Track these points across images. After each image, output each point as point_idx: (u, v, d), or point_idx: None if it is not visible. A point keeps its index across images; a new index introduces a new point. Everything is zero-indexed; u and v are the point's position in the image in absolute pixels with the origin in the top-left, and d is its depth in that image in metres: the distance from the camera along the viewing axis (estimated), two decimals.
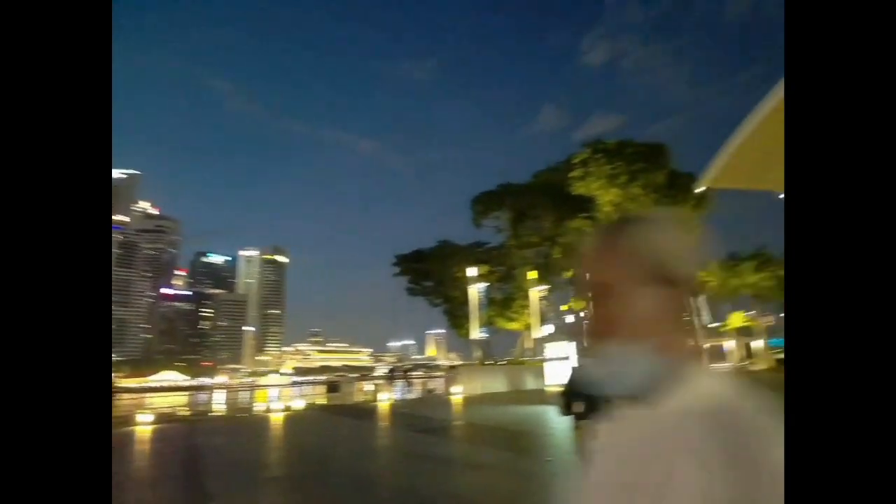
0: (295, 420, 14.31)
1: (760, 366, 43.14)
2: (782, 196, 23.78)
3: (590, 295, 0.70)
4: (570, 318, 25.71)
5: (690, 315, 0.70)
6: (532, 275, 27.04)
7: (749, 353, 48.99)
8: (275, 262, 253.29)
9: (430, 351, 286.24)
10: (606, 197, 31.78)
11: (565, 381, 4.97)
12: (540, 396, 16.40)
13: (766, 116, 22.56)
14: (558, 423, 11.07)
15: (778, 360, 42.19)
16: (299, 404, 21.34)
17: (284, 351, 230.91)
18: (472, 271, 25.38)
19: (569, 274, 33.10)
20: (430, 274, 34.72)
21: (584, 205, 32.33)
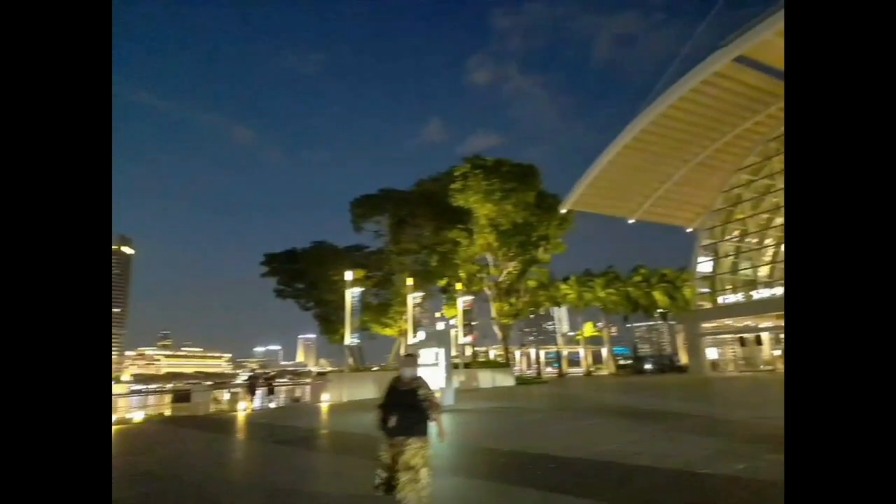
0: (127, 434, 12.44)
1: (605, 371, 48.77)
2: (630, 221, 27.81)
3: None
4: (440, 325, 26.33)
5: None
6: (409, 281, 27.22)
7: (597, 360, 55.07)
8: (118, 252, 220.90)
9: (300, 357, 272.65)
10: (482, 210, 33.41)
11: (384, 391, 4.37)
12: None
13: (617, 153, 26.12)
14: None
15: (618, 366, 48.06)
16: (138, 416, 18.69)
17: (126, 355, 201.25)
18: (348, 275, 24.69)
19: (443, 282, 33.99)
20: (303, 275, 33.04)
21: (462, 216, 33.58)
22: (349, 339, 24.30)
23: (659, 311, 43.39)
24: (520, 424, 11.71)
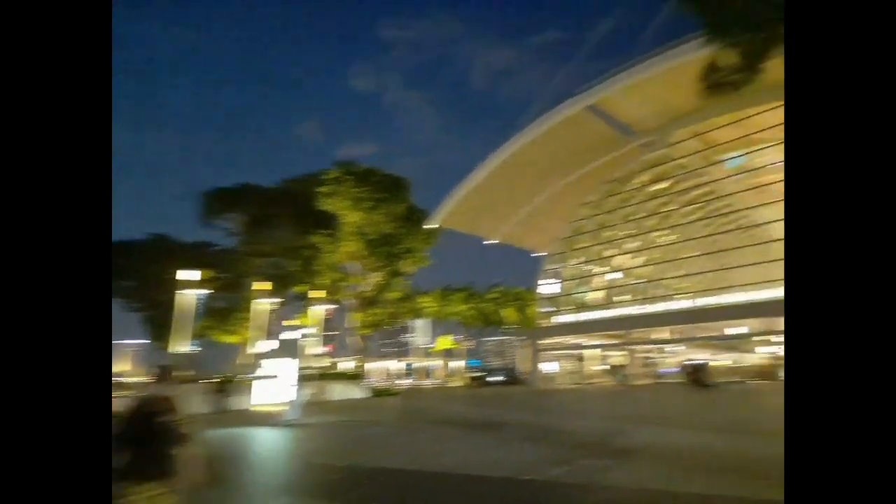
0: None
1: (457, 383, 50.74)
2: (487, 242, 29.32)
3: None
4: (289, 335, 24.78)
5: None
6: (263, 286, 25.23)
7: (450, 372, 57.14)
8: None
9: (122, 366, 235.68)
10: (351, 218, 32.71)
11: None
12: (242, 417, 15.13)
13: (484, 178, 27.88)
14: (242, 448, 10.28)
15: (472, 378, 50.37)
16: None
17: None
18: (191, 275, 21.91)
19: (302, 289, 32.35)
20: (134, 272, 28.70)
21: (328, 222, 32.48)
22: (184, 345, 21.60)
23: (508, 326, 46.83)
24: (363, 438, 11.44)
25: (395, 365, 60.41)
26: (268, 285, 25.19)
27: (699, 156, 34.74)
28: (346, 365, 40.96)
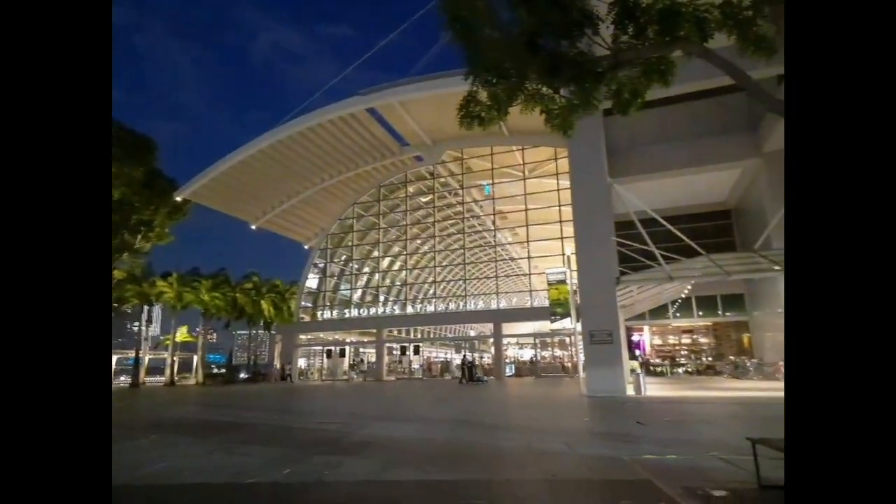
0: None
1: (192, 380, 44.84)
2: (253, 227, 27.60)
3: None
4: None
5: None
6: None
7: (187, 368, 50.17)
8: None
9: None
10: None
11: None
12: None
13: (251, 155, 25.73)
14: None
15: (208, 375, 45.15)
16: None
17: None
18: None
19: None
20: None
21: None
22: None
23: (266, 320, 43.91)
24: None
25: (113, 358, 49.74)
26: None
27: (458, 178, 39.43)
28: None
